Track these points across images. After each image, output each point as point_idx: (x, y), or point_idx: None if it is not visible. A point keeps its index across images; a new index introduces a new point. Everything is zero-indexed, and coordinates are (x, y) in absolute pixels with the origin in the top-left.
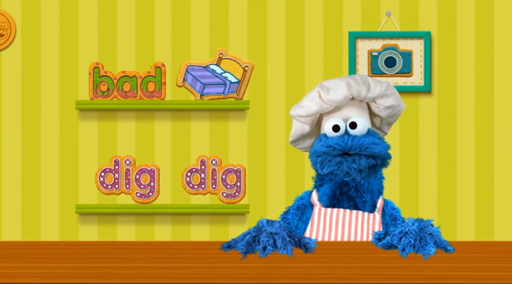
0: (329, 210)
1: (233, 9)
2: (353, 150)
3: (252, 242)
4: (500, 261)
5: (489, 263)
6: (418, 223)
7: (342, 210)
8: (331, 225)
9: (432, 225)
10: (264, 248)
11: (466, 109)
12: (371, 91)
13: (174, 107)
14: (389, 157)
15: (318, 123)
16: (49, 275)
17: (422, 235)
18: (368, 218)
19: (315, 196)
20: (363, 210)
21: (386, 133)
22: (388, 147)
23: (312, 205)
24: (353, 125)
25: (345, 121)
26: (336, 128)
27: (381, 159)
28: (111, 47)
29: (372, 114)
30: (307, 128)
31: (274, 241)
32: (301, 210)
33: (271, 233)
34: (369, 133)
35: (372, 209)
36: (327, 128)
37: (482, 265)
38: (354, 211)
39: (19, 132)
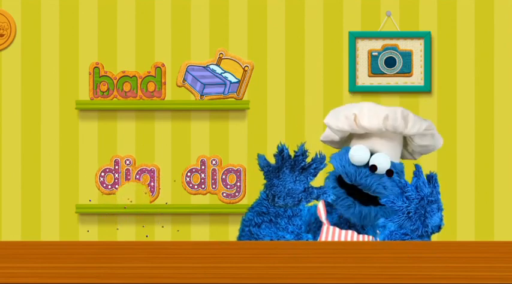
0: (337, 231)
1: (233, 9)
2: (362, 187)
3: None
4: (500, 261)
5: (489, 263)
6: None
7: (355, 234)
8: None
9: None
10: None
11: (466, 109)
12: (407, 129)
13: (174, 107)
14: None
15: (349, 134)
16: (49, 275)
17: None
18: None
19: (322, 214)
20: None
21: (415, 159)
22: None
23: (316, 222)
24: (373, 168)
25: (371, 151)
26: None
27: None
28: (111, 47)
29: (405, 141)
30: (336, 138)
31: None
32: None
33: None
34: (389, 170)
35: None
36: (351, 152)
37: (482, 265)
38: (366, 236)
39: (19, 132)
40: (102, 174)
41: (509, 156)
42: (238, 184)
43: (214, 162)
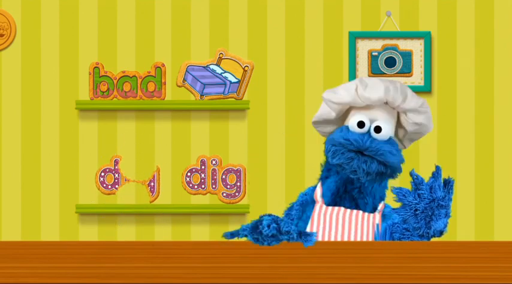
0: (330, 208)
1: (233, 9)
2: (368, 151)
3: (255, 225)
4: (500, 261)
5: (489, 263)
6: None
7: (342, 209)
8: (331, 223)
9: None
10: (269, 226)
11: (466, 109)
12: (406, 103)
13: (174, 107)
14: (400, 170)
15: (345, 113)
16: (49, 275)
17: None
18: (368, 218)
19: (318, 191)
20: (364, 211)
21: (405, 148)
22: (402, 160)
23: (314, 202)
24: (377, 129)
25: (371, 121)
26: (360, 124)
27: (391, 170)
28: (111, 47)
29: (398, 124)
30: (333, 114)
31: (277, 224)
32: (303, 207)
33: (273, 218)
34: (389, 141)
35: (373, 211)
36: (351, 122)
37: (482, 265)
38: (355, 211)
39: (19, 132)
40: (102, 174)
41: (509, 156)
42: (238, 184)
43: (214, 162)
